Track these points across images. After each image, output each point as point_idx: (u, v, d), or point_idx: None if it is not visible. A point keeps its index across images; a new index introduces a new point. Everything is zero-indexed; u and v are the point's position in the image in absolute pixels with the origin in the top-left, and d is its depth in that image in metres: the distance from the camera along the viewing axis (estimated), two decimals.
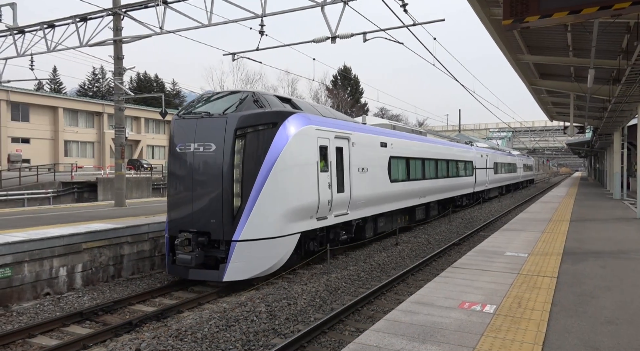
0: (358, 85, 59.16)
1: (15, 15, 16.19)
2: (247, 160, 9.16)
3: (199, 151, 9.38)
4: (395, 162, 15.01)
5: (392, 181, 14.58)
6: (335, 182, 11.11)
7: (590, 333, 4.59)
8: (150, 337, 6.54)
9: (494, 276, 6.94)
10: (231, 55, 14.39)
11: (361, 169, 12.45)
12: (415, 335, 4.59)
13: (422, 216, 18.13)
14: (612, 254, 8.59)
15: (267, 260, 9.25)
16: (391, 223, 15.13)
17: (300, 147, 9.84)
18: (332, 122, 11.50)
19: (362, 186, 12.46)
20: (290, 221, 9.58)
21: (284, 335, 6.80)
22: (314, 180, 10.20)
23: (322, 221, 10.68)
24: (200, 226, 9.22)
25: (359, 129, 12.78)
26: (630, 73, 10.75)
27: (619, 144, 22.63)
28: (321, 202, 10.40)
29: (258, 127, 9.35)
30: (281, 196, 9.39)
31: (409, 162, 16.21)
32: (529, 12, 4.57)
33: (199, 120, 9.60)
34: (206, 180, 9.28)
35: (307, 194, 9.99)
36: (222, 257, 9.11)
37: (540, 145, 69.34)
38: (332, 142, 11.11)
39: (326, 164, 10.79)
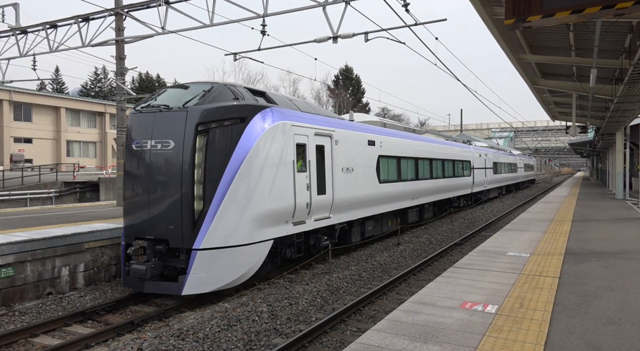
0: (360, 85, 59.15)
1: (18, 15, 16.24)
2: (210, 159, 8.23)
3: (156, 148, 8.43)
4: (385, 161, 14.06)
5: (381, 182, 13.65)
6: (315, 183, 10.22)
7: (592, 334, 4.57)
8: (152, 337, 6.55)
9: (495, 276, 6.93)
10: (233, 55, 14.40)
11: (346, 169, 11.59)
12: (416, 335, 4.58)
13: (416, 219, 17.24)
14: (615, 255, 8.56)
15: (234, 270, 8.36)
16: (381, 226, 14.33)
17: (273, 144, 8.95)
18: (312, 118, 10.53)
19: (347, 188, 11.60)
20: (261, 227, 8.69)
21: (285, 334, 6.81)
22: (290, 181, 9.32)
23: (299, 226, 9.80)
24: (158, 233, 8.29)
25: (343, 126, 11.87)
26: (633, 73, 10.72)
27: (621, 144, 22.58)
28: (298, 205, 9.54)
29: (223, 123, 8.43)
30: (250, 199, 8.49)
31: (400, 162, 15.28)
32: (531, 11, 4.56)
33: (157, 114, 8.63)
34: (164, 181, 8.34)
35: (281, 197, 9.09)
36: (182, 268, 8.17)
37: (543, 145, 69.20)
38: (312, 139, 10.20)
39: (304, 163, 9.92)
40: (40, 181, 24.30)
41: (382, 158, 13.78)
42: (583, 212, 16.16)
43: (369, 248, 13.49)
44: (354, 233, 12.62)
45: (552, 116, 26.89)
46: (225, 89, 8.99)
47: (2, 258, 8.24)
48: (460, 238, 14.82)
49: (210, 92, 8.77)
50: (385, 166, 14.08)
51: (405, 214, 16.26)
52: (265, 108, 9.02)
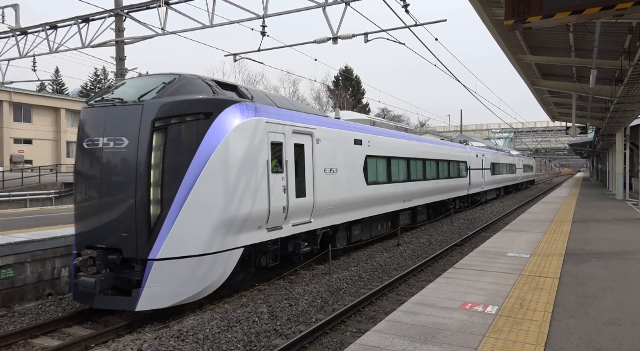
0: (359, 85, 59.17)
1: (18, 16, 16.24)
2: (169, 159, 7.45)
3: (108, 147, 7.60)
4: (373, 162, 13.27)
5: (369, 183, 12.88)
6: (294, 185, 9.50)
7: (592, 334, 4.57)
8: (152, 338, 6.55)
9: (496, 277, 6.93)
10: (233, 56, 14.41)
11: (329, 170, 10.82)
12: (417, 336, 4.58)
13: (408, 222, 16.46)
14: (615, 255, 8.56)
15: (197, 282, 7.52)
16: (370, 230, 13.61)
17: (243, 143, 8.20)
18: (290, 114, 9.82)
19: (330, 190, 10.83)
20: (229, 233, 7.88)
21: (285, 335, 6.80)
22: (263, 183, 8.58)
23: (275, 232, 9.05)
24: (111, 242, 7.48)
25: (325, 124, 11.07)
26: (633, 73, 10.73)
27: (621, 144, 22.60)
28: (273, 209, 8.78)
29: (185, 118, 7.65)
30: (215, 203, 7.69)
31: (390, 162, 14.47)
32: (531, 12, 4.57)
33: (109, 109, 7.79)
34: (117, 184, 7.54)
35: (253, 201, 8.32)
36: (138, 280, 7.34)
37: (542, 145, 69.23)
38: (290, 138, 9.47)
39: (280, 164, 9.16)
40: (40, 182, 24.29)
41: (370, 158, 13.04)
42: (583, 213, 16.16)
43: (369, 248, 13.49)
44: (339, 238, 11.85)
45: (552, 116, 26.91)
46: (189, 81, 8.24)
47: (2, 259, 8.23)
48: (460, 239, 14.82)
49: (171, 85, 7.99)
50: (374, 167, 13.32)
51: (397, 218, 15.55)
52: (234, 103, 8.26)
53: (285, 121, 9.40)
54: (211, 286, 7.77)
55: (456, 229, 17.49)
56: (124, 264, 7.52)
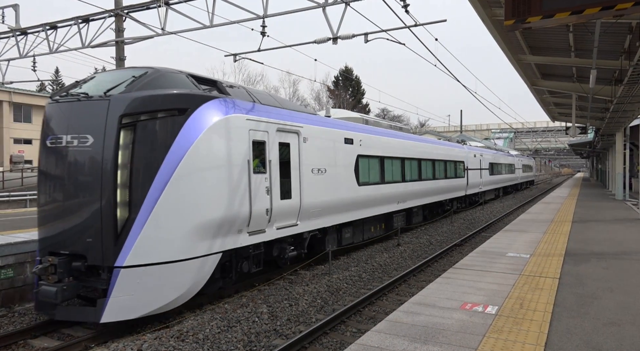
0: (359, 86, 59.17)
1: (18, 16, 16.25)
2: (138, 158, 6.95)
3: (72, 145, 7.06)
4: (365, 162, 12.79)
5: (361, 184, 12.42)
6: (278, 186, 9.05)
7: (592, 334, 4.57)
8: (152, 338, 6.55)
9: (495, 277, 6.93)
10: (233, 56, 14.41)
11: (317, 171, 10.36)
12: (417, 336, 4.58)
13: (402, 223, 15.91)
14: (615, 255, 8.56)
15: (168, 291, 6.99)
16: (362, 233, 13.15)
17: (221, 141, 7.70)
18: (275, 112, 9.33)
19: (318, 191, 10.37)
20: (205, 238, 7.37)
21: (285, 335, 6.81)
22: (244, 184, 8.08)
23: (257, 236, 8.55)
24: (75, 247, 6.93)
25: (314, 122, 10.59)
26: (633, 73, 10.74)
27: (621, 144, 22.61)
28: (255, 212, 8.30)
29: (156, 114, 7.15)
30: (190, 205, 7.19)
31: (384, 162, 13.97)
32: (531, 12, 4.57)
33: (74, 104, 7.29)
34: (81, 185, 7.02)
35: (232, 203, 7.80)
36: (104, 289, 6.79)
37: (542, 146, 69.25)
38: (274, 136, 9.02)
39: (263, 164, 8.70)
40: None
41: (361, 158, 12.57)
42: (583, 213, 16.16)
43: (369, 248, 13.49)
44: (329, 241, 11.38)
45: (551, 116, 26.92)
46: (162, 75, 7.70)
47: (2, 259, 8.24)
48: (460, 239, 14.82)
49: (142, 78, 7.47)
50: (366, 167, 12.85)
51: (391, 219, 15.07)
52: (212, 99, 7.78)
53: (268, 119, 8.95)
54: (185, 295, 7.25)
55: (456, 230, 17.49)
56: (90, 272, 7.01)
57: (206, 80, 8.60)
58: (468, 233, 16.24)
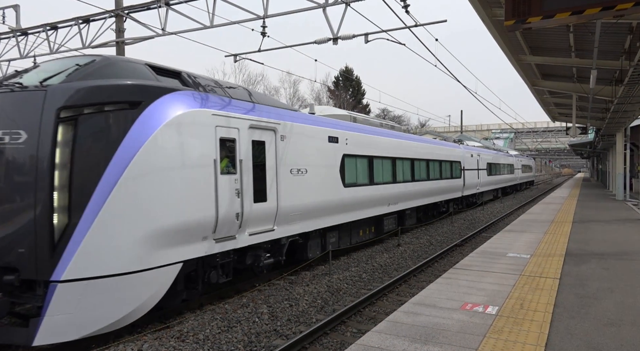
0: (360, 86, 59.18)
1: (19, 17, 16.27)
2: (80, 157, 6.16)
3: (2, 142, 6.23)
4: (352, 162, 12.07)
5: (347, 185, 11.65)
6: (251, 188, 8.31)
7: (592, 335, 4.57)
8: (152, 338, 6.56)
9: (496, 278, 6.93)
10: (233, 56, 14.41)
11: (296, 171, 9.65)
12: (417, 336, 4.58)
13: (394, 226, 15.11)
14: (615, 256, 8.56)
15: (116, 308, 6.16)
16: (349, 236, 12.46)
17: (181, 139, 6.92)
18: (247, 107, 8.62)
19: (298, 193, 9.66)
20: (161, 246, 6.57)
21: (285, 336, 6.81)
22: (209, 186, 7.32)
23: (226, 243, 7.79)
24: (6, 259, 6.03)
25: (293, 119, 9.81)
26: (633, 74, 10.74)
27: (621, 145, 22.62)
28: (222, 216, 7.54)
29: (103, 108, 6.34)
30: (143, 210, 6.40)
31: (373, 163, 13.22)
32: (531, 13, 4.57)
33: (6, 95, 6.41)
34: (13, 188, 6.15)
35: (195, 206, 7.04)
36: (39, 306, 5.95)
37: (543, 146, 69.24)
38: (246, 133, 8.26)
39: (233, 164, 7.93)
40: None
41: (348, 158, 11.84)
42: (583, 213, 16.16)
43: (369, 249, 13.49)
44: (312, 247, 10.66)
45: (552, 117, 26.91)
46: (111, 64, 6.90)
47: None
48: (461, 239, 14.82)
49: (87, 67, 6.70)
50: (353, 167, 12.11)
51: (381, 222, 14.29)
52: (171, 91, 7.01)
53: (239, 114, 8.19)
54: (138, 311, 6.45)
55: (456, 230, 17.50)
56: (25, 287, 6.12)
57: (168, 71, 7.79)
58: (468, 233, 16.24)
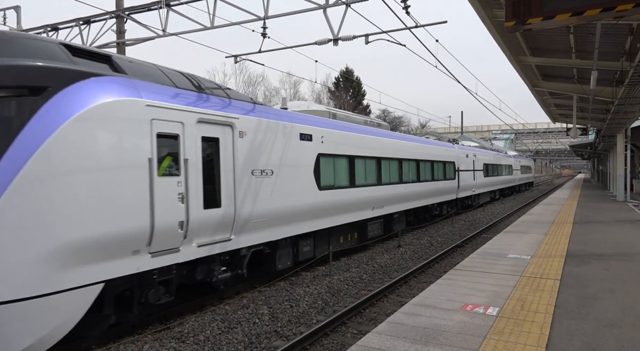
0: (360, 87, 59.17)
1: (20, 18, 16.29)
2: None
3: None
4: (329, 162, 11.03)
5: (323, 188, 10.62)
6: (201, 192, 7.22)
7: (593, 336, 4.57)
8: (153, 339, 6.56)
9: (496, 279, 6.93)
10: (233, 57, 14.43)
11: (260, 172, 8.61)
12: (417, 338, 4.58)
13: (379, 232, 14.12)
14: (616, 257, 8.56)
15: (10, 341, 5.08)
16: (327, 244, 11.26)
17: (100, 134, 5.77)
18: (196, 98, 7.51)
19: (262, 197, 8.62)
20: (73, 264, 5.45)
21: (286, 337, 6.81)
22: (141, 190, 6.18)
23: (165, 257, 6.61)
24: None
25: (255, 113, 8.71)
26: (634, 75, 10.74)
27: (622, 145, 22.61)
28: (160, 226, 6.39)
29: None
30: (47, 220, 5.28)
31: (354, 163, 12.18)
32: (532, 14, 4.57)
33: None
34: None
35: (121, 215, 5.87)
36: None
37: (543, 147, 69.24)
38: (193, 129, 7.13)
39: (176, 163, 6.85)
40: None
41: (324, 158, 10.79)
42: (584, 214, 16.15)
43: (369, 250, 13.49)
44: (281, 257, 9.62)
45: (552, 118, 26.90)
46: (8, 40, 5.73)
47: None
48: (461, 240, 14.81)
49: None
50: (330, 168, 11.05)
51: (365, 227, 13.23)
52: (90, 76, 5.87)
53: (184, 106, 7.05)
54: (43, 343, 5.31)
55: (457, 231, 17.49)
56: None
57: (92, 53, 6.53)
58: (469, 234, 16.23)
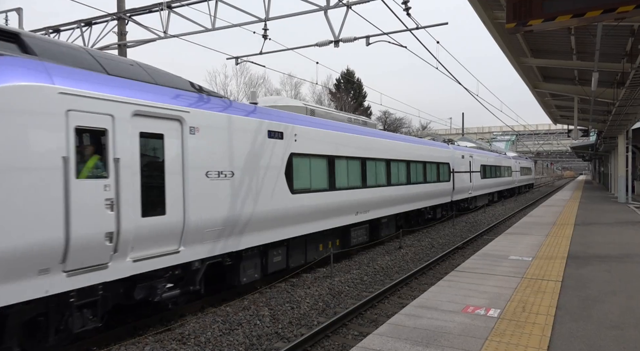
0: (361, 88, 59.15)
1: (21, 20, 16.34)
2: None
3: None
4: (304, 162, 9.98)
5: (296, 191, 9.56)
6: (138, 197, 6.25)
7: (595, 338, 4.56)
8: (154, 341, 6.56)
9: (498, 280, 6.92)
10: (235, 59, 14.44)
11: (216, 174, 7.52)
12: (418, 339, 4.57)
13: (365, 238, 13.12)
14: (617, 258, 8.54)
15: None
16: (303, 253, 10.29)
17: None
18: (133, 86, 6.50)
19: (219, 202, 7.54)
20: None
21: (287, 338, 6.80)
22: (53, 196, 5.28)
23: (88, 275, 5.69)
24: None
25: (212, 106, 7.71)
26: (635, 76, 10.73)
27: (623, 147, 22.58)
28: (78, 239, 5.48)
29: None
30: None
31: (334, 164, 11.09)
32: (532, 15, 4.57)
33: None
34: None
35: (20, 227, 4.99)
36: None
37: (544, 148, 69.18)
38: (127, 123, 6.17)
39: (104, 163, 5.90)
40: None
41: (297, 158, 9.73)
42: (585, 215, 16.13)
43: (370, 251, 13.47)
44: (246, 269, 8.48)
45: (553, 119, 26.89)
46: None
47: None
48: (462, 242, 14.80)
49: None
50: (305, 169, 10.02)
51: (348, 233, 12.17)
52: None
53: (114, 96, 6.06)
54: None
55: (458, 232, 17.47)
56: None
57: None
58: (470, 236, 16.21)
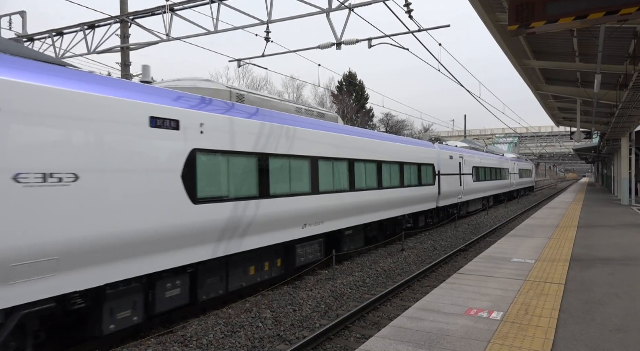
0: (363, 90, 59.20)
1: (25, 23, 16.42)
2: None
3: None
4: (214, 162, 7.64)
5: (201, 200, 7.23)
6: None
7: (598, 341, 4.54)
8: (156, 343, 6.56)
9: (500, 283, 6.90)
10: (237, 61, 14.48)
11: (41, 178, 5.21)
12: (421, 342, 4.56)
13: (318, 256, 10.68)
14: (621, 261, 8.51)
15: None
16: (223, 280, 8.11)
17: None
18: None
19: (48, 221, 5.21)
20: None
21: (289, 341, 6.79)
22: None
23: None
24: None
25: (28, 76, 5.26)
26: (638, 78, 10.71)
27: (626, 149, 22.52)
28: None
29: None
30: None
31: (267, 163, 8.78)
32: (535, 17, 4.57)
33: None
34: None
35: None
36: None
37: (547, 150, 69.04)
38: None
39: None
40: None
41: (204, 155, 7.40)
42: (588, 218, 16.08)
43: (372, 254, 13.45)
44: (115, 312, 6.27)
45: (556, 121, 26.86)
46: None
47: None
48: (465, 244, 14.76)
49: None
50: (216, 171, 7.68)
51: (293, 252, 9.83)
52: None
53: None
54: None
55: (460, 235, 17.43)
56: None
57: None
58: (472, 238, 16.18)
